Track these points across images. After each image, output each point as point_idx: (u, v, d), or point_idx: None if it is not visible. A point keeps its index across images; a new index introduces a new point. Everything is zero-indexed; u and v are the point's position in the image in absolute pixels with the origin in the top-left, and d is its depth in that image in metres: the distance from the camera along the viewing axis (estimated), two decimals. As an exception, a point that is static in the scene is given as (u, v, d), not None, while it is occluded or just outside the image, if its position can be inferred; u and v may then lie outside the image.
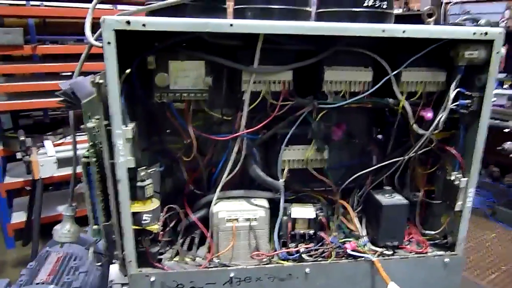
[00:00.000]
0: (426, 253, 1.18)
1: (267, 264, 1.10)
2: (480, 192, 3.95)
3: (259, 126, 1.04)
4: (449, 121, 1.12)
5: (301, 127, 1.08)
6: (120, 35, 0.87)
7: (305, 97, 1.06)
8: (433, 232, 1.21)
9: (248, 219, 1.08)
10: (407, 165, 1.21)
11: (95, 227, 1.05)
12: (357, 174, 1.20)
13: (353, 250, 1.10)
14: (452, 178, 1.12)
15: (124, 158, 0.93)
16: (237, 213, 1.08)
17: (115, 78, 0.88)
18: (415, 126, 1.09)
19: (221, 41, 1.00)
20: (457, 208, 1.12)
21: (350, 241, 1.11)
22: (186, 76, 1.00)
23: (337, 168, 1.27)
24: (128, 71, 0.93)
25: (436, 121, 1.05)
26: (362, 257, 1.10)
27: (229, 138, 1.06)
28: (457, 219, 1.14)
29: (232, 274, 1.07)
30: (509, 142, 2.73)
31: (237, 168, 1.10)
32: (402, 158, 1.14)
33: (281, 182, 1.07)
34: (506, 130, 3.00)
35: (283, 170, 1.11)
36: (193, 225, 1.15)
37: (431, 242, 1.22)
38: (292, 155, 1.11)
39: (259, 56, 0.98)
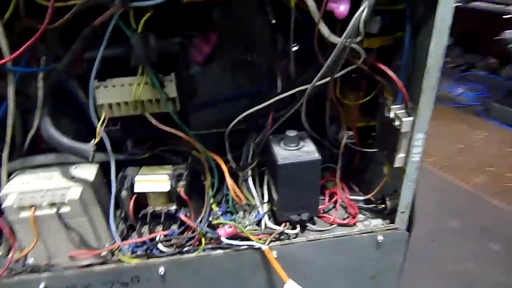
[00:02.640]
0: (354, 224, 0.79)
1: (103, 263, 0.72)
2: (473, 86, 3.48)
3: (23, 48, 0.56)
4: (390, 18, 0.64)
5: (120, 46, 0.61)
6: None
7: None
8: (370, 196, 0.80)
9: (54, 204, 0.66)
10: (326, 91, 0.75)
11: None
12: (244, 114, 0.75)
13: (230, 237, 0.71)
14: (391, 115, 0.67)
15: None
16: (36, 195, 0.67)
17: None
18: (323, 29, 0.61)
19: None
20: (397, 163, 0.69)
21: (226, 224, 0.71)
22: None
23: (220, 102, 0.82)
24: None
25: (354, 19, 0.57)
26: (246, 245, 0.71)
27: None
28: (398, 178, 0.72)
29: (42, 286, 0.69)
30: (509, 31, 2.17)
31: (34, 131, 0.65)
32: (309, 85, 0.68)
33: (90, 145, 0.62)
34: (507, 16, 2.39)
35: (103, 121, 0.65)
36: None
37: (365, 206, 0.82)
38: (113, 96, 0.65)
39: None
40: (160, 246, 0.72)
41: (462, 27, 3.35)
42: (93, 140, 0.63)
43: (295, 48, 0.80)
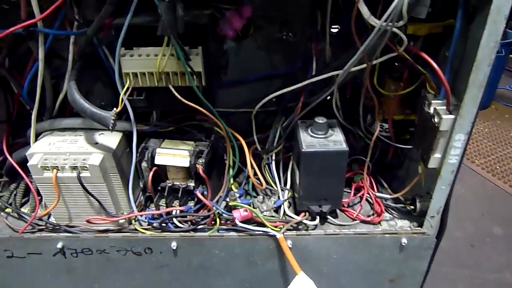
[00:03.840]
0: (378, 223, 0.75)
1: (119, 231, 0.73)
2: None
3: (49, 10, 0.55)
4: (441, 3, 0.58)
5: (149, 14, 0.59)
6: None
7: None
8: (400, 195, 0.74)
9: (75, 168, 0.67)
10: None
11: None
12: (273, 94, 0.72)
13: (245, 221, 0.69)
14: (431, 110, 0.61)
15: None
16: (60, 157, 0.68)
17: None
18: (362, 9, 0.55)
19: None
20: (431, 164, 0.63)
21: (242, 207, 0.69)
22: None
23: (251, 81, 0.78)
24: None
25: (397, 0, 0.51)
26: (260, 231, 0.69)
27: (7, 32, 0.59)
28: (431, 179, 0.66)
29: (59, 245, 0.71)
30: None
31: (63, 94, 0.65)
32: (342, 71, 0.63)
33: (111, 113, 0.61)
34: None
35: (127, 90, 0.65)
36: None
37: (393, 205, 0.77)
38: (138, 66, 0.63)
39: None
40: (175, 221, 0.72)
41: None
42: (115, 108, 0.62)
43: (335, 30, 0.76)
